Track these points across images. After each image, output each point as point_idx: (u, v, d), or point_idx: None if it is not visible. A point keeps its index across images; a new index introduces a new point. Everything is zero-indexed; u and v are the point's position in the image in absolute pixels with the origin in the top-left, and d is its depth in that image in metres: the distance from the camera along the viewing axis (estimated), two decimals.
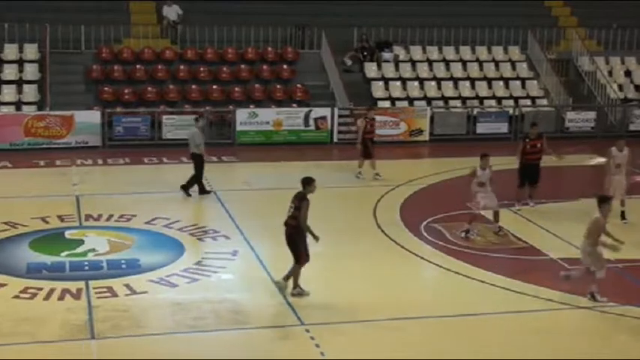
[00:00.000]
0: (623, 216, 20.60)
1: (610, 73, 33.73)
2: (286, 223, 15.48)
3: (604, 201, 15.80)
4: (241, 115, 28.70)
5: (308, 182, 15.44)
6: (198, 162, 22.17)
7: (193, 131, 22.48)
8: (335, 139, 29.02)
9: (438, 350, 13.74)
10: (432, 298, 16.22)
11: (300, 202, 15.25)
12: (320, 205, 19.70)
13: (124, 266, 16.95)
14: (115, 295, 15.46)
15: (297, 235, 15.29)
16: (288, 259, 15.74)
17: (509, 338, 14.31)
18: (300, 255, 15.36)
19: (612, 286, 16.43)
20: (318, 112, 29.19)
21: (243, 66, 31.54)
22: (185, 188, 22.11)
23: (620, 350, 13.63)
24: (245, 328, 14.35)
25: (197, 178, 22.19)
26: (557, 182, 21.61)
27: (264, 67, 31.65)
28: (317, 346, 13.69)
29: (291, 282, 15.58)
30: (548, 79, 33.02)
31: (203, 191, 22.20)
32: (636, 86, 33.46)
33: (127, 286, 15.87)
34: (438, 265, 17.65)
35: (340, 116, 29.21)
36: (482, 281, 16.70)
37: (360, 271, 17.12)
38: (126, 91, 29.94)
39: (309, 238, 15.39)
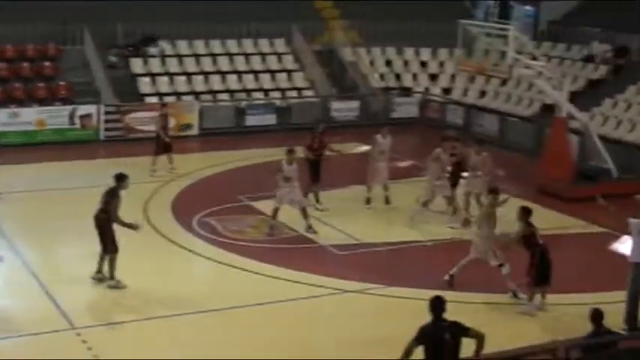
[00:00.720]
0: (387, 200, 21.34)
1: (372, 63, 34.83)
2: (96, 216, 15.68)
3: (493, 192, 16.29)
4: (1, 115, 27.49)
5: (121, 179, 15.84)
6: None
7: None
8: (102, 137, 28.36)
9: (217, 344, 13.78)
10: (208, 291, 16.18)
11: (111, 197, 15.63)
12: (89, 204, 19.23)
13: None
14: None
15: (107, 227, 15.62)
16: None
17: (285, 326, 14.54)
18: (108, 244, 15.66)
19: (379, 267, 17.06)
20: (83, 109, 28.40)
21: (1, 64, 30.22)
22: None
23: (389, 329, 14.06)
24: (13, 337, 13.80)
25: None
26: (326, 171, 22.05)
27: (25, 64, 30.48)
28: (89, 349, 13.39)
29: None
30: (313, 71, 33.67)
31: None
32: (396, 75, 34.72)
33: None
34: (211, 259, 17.65)
35: (107, 113, 28.57)
36: (256, 272, 16.86)
37: (132, 270, 16.77)
38: None
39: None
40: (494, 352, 12.72)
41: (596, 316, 11.89)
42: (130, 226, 15.68)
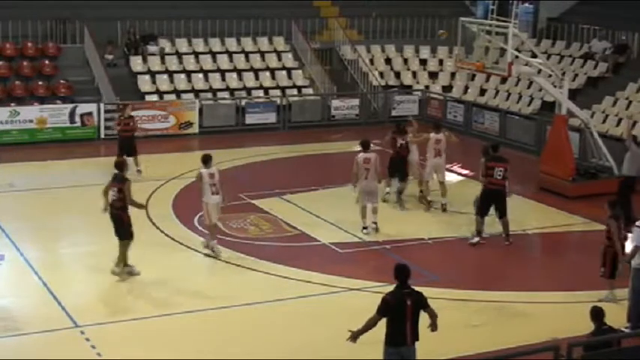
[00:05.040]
0: None
1: (371, 61, 34.81)
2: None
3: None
4: (1, 113, 27.49)
5: (120, 167, 16.79)
6: None
7: None
8: (102, 135, 28.34)
9: (220, 342, 13.81)
10: (210, 290, 16.20)
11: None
12: (89, 201, 19.28)
13: None
14: None
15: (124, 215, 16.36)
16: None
17: (288, 325, 14.56)
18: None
19: (381, 265, 17.07)
20: (83, 107, 28.40)
21: (1, 62, 30.21)
22: None
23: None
24: (16, 335, 13.82)
25: None
26: (326, 169, 22.07)
27: (25, 62, 30.48)
28: (93, 347, 13.42)
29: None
30: (312, 69, 33.66)
31: None
32: (396, 73, 34.72)
33: None
34: (213, 257, 17.65)
35: (107, 111, 28.55)
36: (257, 270, 16.88)
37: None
38: None
39: None
40: (494, 351, 12.80)
41: (598, 313, 11.91)
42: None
